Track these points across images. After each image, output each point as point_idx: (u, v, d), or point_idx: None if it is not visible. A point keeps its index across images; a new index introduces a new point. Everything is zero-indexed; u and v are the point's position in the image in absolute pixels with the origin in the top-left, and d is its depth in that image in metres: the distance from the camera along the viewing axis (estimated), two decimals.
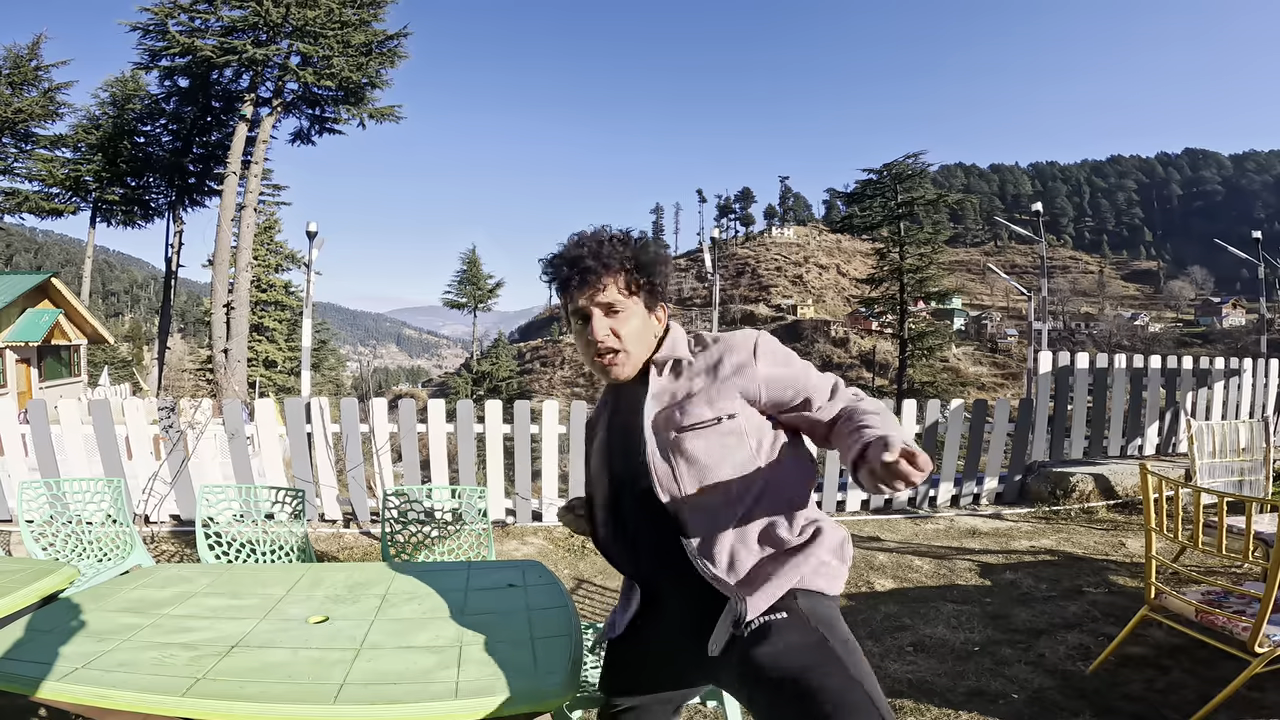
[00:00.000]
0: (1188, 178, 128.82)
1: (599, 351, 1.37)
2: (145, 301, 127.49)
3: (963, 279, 78.11)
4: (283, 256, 33.73)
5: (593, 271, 1.35)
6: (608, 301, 1.36)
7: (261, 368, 31.15)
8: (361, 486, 5.20)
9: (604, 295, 1.36)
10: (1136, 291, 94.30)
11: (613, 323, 1.37)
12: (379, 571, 2.18)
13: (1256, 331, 9.73)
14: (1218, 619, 2.48)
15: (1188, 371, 6.83)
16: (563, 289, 1.40)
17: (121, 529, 3.08)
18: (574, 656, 1.60)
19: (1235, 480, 4.03)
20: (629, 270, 1.37)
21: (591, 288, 1.35)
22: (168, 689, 1.35)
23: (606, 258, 1.36)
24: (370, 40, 22.89)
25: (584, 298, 1.36)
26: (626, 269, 1.37)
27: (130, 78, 25.75)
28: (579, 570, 4.42)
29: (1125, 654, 2.95)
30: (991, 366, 63.19)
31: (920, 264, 32.37)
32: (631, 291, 1.38)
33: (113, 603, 1.87)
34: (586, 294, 1.36)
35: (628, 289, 1.37)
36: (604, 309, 1.36)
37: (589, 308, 1.36)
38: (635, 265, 1.38)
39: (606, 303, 1.36)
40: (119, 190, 26.91)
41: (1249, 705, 2.51)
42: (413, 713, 1.34)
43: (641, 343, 1.40)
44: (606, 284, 1.36)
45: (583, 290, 1.36)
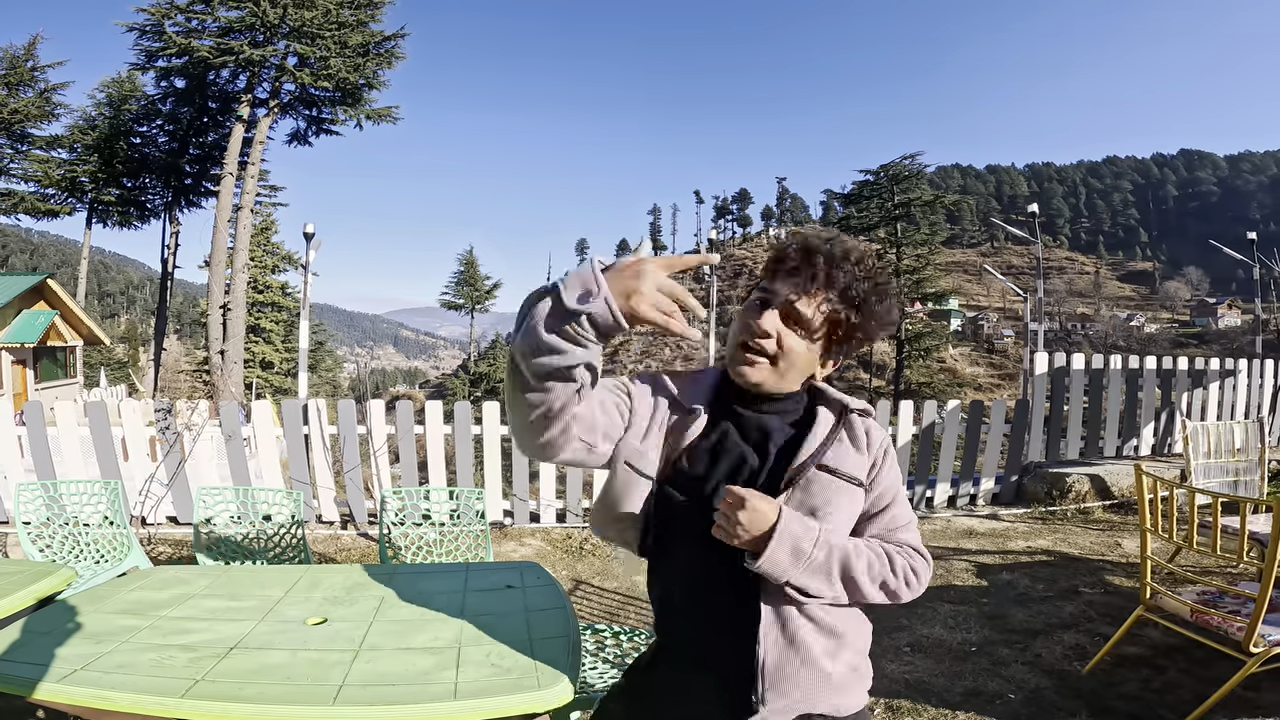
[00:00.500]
0: (1183, 178, 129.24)
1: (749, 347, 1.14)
2: (141, 303, 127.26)
3: (959, 280, 78.20)
4: (279, 258, 33.72)
5: (811, 276, 1.11)
6: (798, 310, 1.12)
7: (258, 369, 31.12)
8: (359, 488, 5.19)
9: (800, 302, 1.12)
10: (1132, 292, 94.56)
11: (784, 329, 1.13)
12: (377, 573, 2.18)
13: (1252, 332, 9.76)
14: (1213, 619, 2.49)
15: (1183, 372, 6.85)
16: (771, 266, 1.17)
17: (118, 531, 3.08)
18: (573, 658, 1.61)
19: (1230, 481, 4.05)
20: (843, 307, 1.13)
21: (796, 285, 1.12)
22: (166, 690, 1.35)
23: (840, 274, 1.12)
24: (367, 41, 22.90)
25: (785, 285, 1.12)
26: (844, 300, 1.13)
27: (126, 78, 25.73)
28: (577, 571, 4.43)
29: (1121, 654, 2.97)
30: (988, 367, 63.28)
31: (917, 265, 32.48)
32: (824, 320, 1.14)
33: (111, 604, 1.87)
34: (791, 286, 1.12)
35: (825, 318, 1.13)
36: (787, 312, 1.13)
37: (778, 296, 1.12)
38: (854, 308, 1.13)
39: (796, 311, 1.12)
40: (115, 191, 26.86)
41: (1244, 705, 2.52)
42: (412, 714, 1.35)
43: (794, 368, 1.16)
44: (813, 295, 1.12)
45: (788, 282, 1.12)
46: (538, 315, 0.93)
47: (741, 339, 1.15)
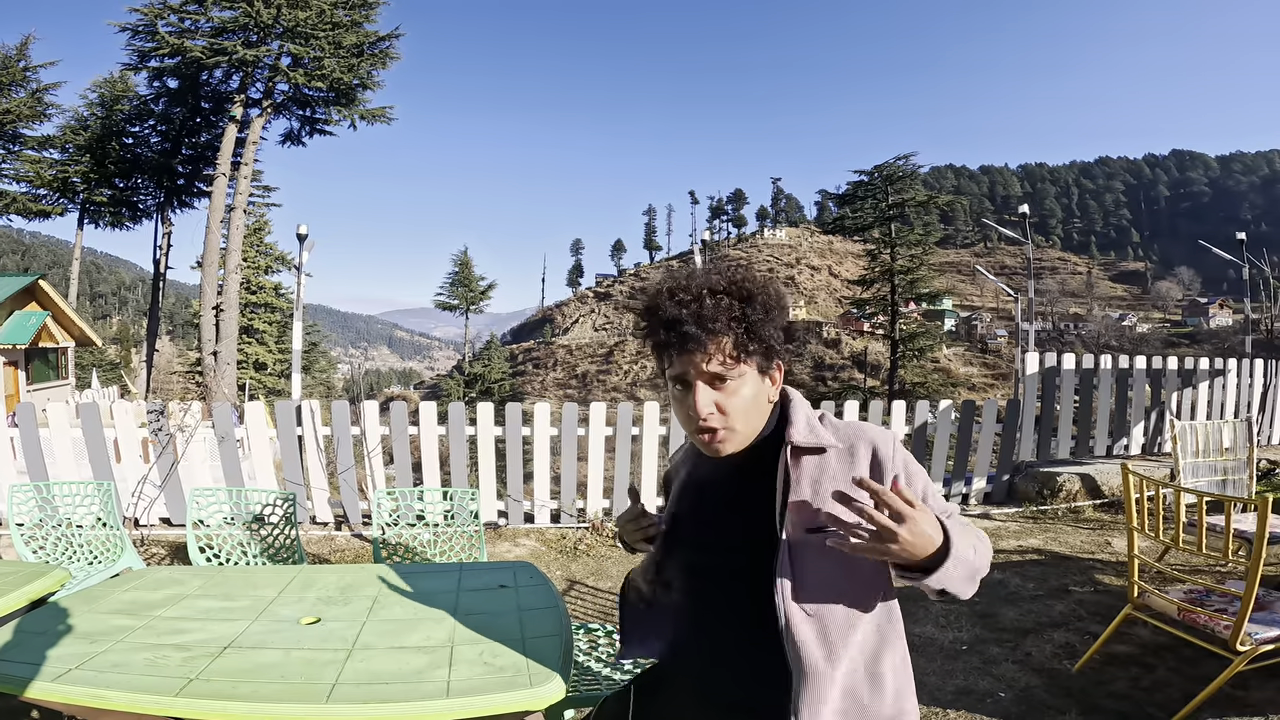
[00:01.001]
0: (1175, 179, 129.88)
1: (700, 429, 1.14)
2: (133, 303, 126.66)
3: (953, 280, 78.45)
4: (273, 258, 33.58)
5: (693, 339, 1.11)
6: (712, 372, 1.12)
7: (252, 370, 30.98)
8: (353, 489, 5.19)
9: (709, 365, 1.12)
10: (1124, 292, 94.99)
11: (719, 396, 1.13)
12: (371, 573, 2.19)
13: (1243, 332, 9.84)
14: (1200, 617, 2.50)
15: (1173, 372, 6.90)
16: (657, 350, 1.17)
17: (111, 532, 3.08)
18: (565, 657, 1.62)
19: (1219, 480, 4.07)
20: (738, 332, 1.12)
21: (692, 355, 1.12)
22: (161, 689, 1.36)
23: (711, 320, 1.10)
24: (362, 41, 22.83)
25: (684, 366, 1.13)
26: (735, 331, 1.12)
27: (119, 79, 25.58)
28: (571, 572, 4.44)
29: (1111, 652, 2.99)
30: (982, 367, 63.52)
31: (911, 265, 32.52)
32: (741, 357, 1.13)
33: (105, 605, 1.87)
34: (687, 363, 1.13)
35: (736, 355, 1.13)
36: (707, 378, 1.13)
37: (689, 377, 1.13)
38: (746, 326, 1.12)
39: (711, 374, 1.12)
40: (107, 191, 26.70)
41: (1232, 703, 2.54)
42: (405, 712, 1.36)
43: (752, 416, 1.17)
44: (710, 353, 1.11)
45: (682, 357, 1.13)
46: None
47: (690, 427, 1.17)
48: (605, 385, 70.23)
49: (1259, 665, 2.44)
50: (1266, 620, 2.44)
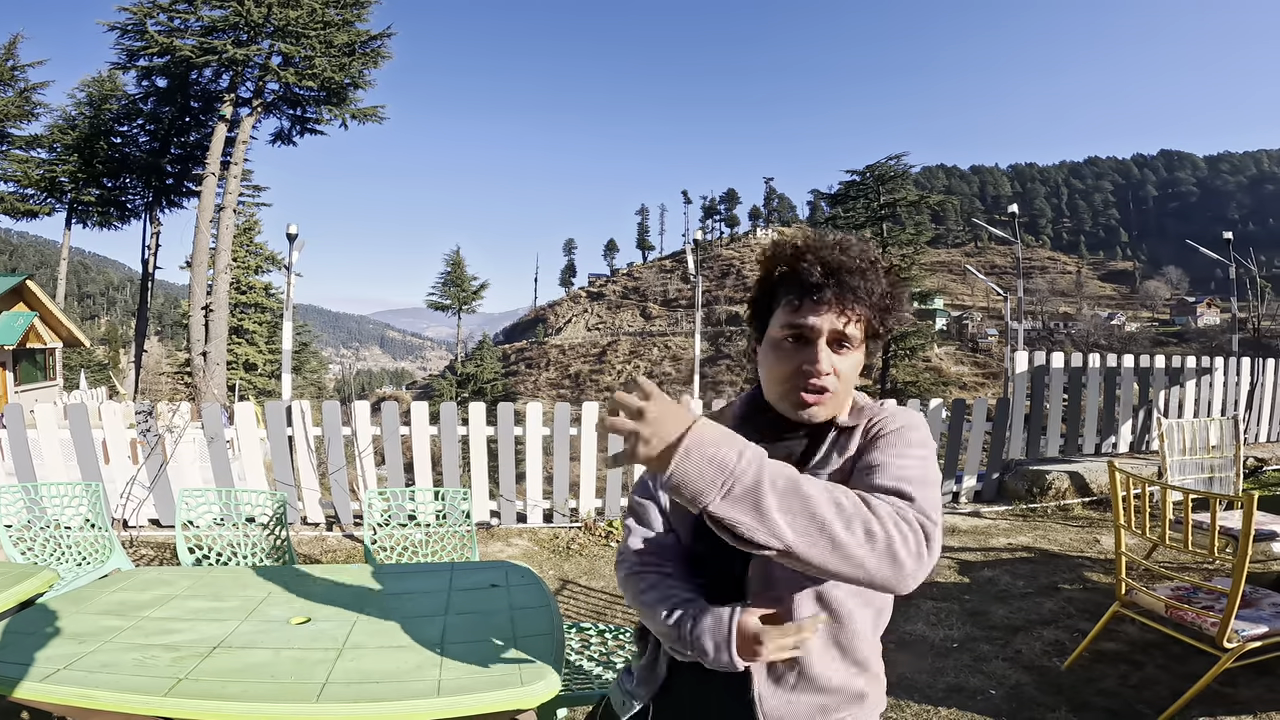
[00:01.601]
0: (1163, 179, 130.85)
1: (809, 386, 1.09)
2: (122, 304, 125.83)
3: (944, 280, 78.84)
4: (263, 258, 33.45)
5: (853, 294, 1.07)
6: (843, 334, 1.08)
7: (242, 370, 30.85)
8: (344, 490, 5.18)
9: (849, 327, 1.08)
10: (1113, 291, 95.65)
11: (836, 359, 1.09)
12: (361, 573, 2.18)
13: (1230, 331, 9.93)
14: (1187, 614, 2.52)
15: (1160, 370, 6.96)
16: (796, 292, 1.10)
17: (100, 533, 3.06)
18: (556, 655, 1.62)
19: (1206, 477, 4.10)
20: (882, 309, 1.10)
21: (840, 313, 1.08)
22: (150, 689, 1.36)
23: (870, 283, 1.08)
24: (353, 40, 22.77)
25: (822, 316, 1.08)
26: (882, 306, 1.10)
27: (107, 78, 25.44)
28: (564, 571, 4.44)
29: (1100, 650, 3.01)
30: (973, 366, 63.84)
31: (903, 265, 32.44)
32: (868, 333, 1.12)
33: (93, 605, 1.86)
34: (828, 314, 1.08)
35: (867, 328, 1.11)
36: (835, 338, 1.09)
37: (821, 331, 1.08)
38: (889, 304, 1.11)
39: (841, 335, 1.09)
40: (95, 191, 26.54)
41: (1221, 700, 2.55)
42: (396, 711, 1.36)
43: (849, 390, 1.14)
44: (858, 315, 1.08)
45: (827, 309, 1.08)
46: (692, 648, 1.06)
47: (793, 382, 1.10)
48: (599, 385, 70.22)
49: (1247, 662, 2.44)
50: (1253, 617, 2.45)
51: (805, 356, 1.08)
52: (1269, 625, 2.41)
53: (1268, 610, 2.52)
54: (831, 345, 1.09)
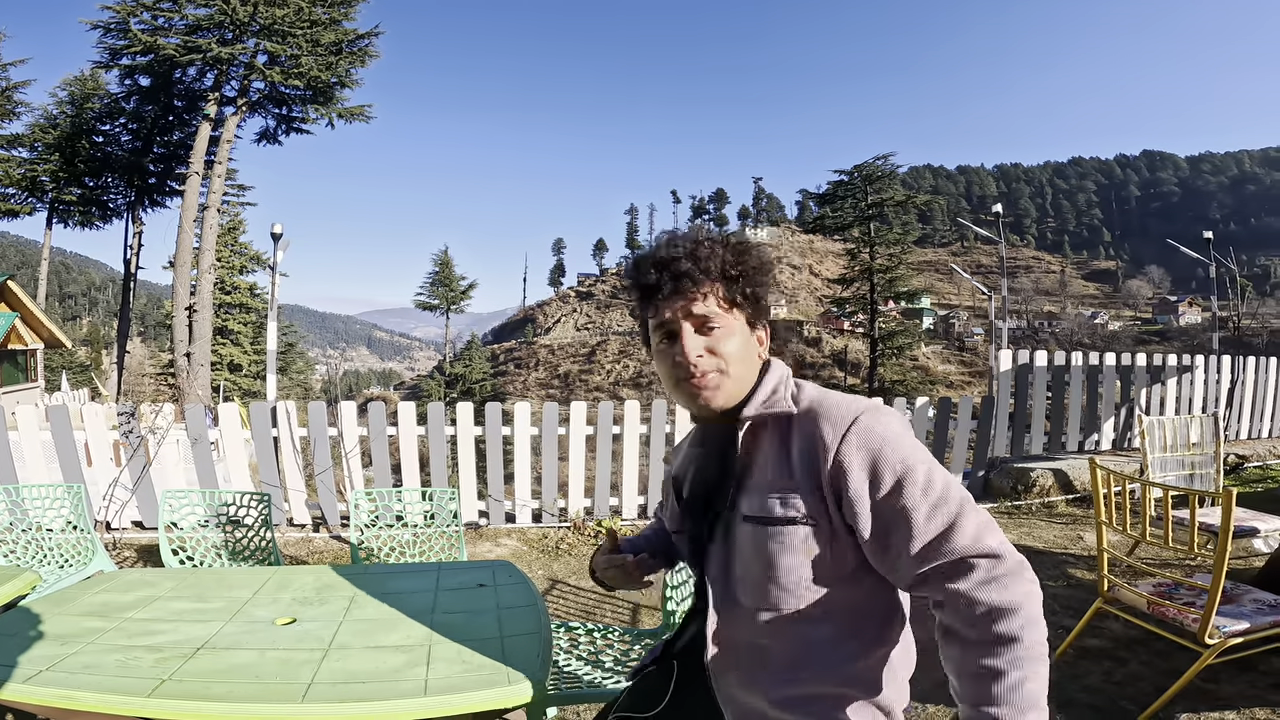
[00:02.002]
0: (1145, 179, 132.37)
1: (689, 373, 1.09)
2: (104, 304, 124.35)
3: (931, 279, 79.41)
4: (247, 258, 33.17)
5: (687, 276, 1.08)
6: (703, 315, 1.09)
7: (226, 371, 30.58)
8: (331, 490, 5.15)
9: (699, 306, 1.09)
10: (1096, 291, 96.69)
11: (708, 340, 1.10)
12: (347, 573, 2.17)
13: (1211, 329, 10.06)
14: (1169, 611, 2.52)
15: (1141, 368, 7.04)
16: (646, 298, 1.13)
17: (82, 535, 3.03)
18: (544, 654, 1.62)
19: (1187, 474, 4.13)
20: (730, 278, 1.10)
21: (684, 297, 1.09)
22: (133, 690, 1.35)
23: (704, 260, 1.09)
24: (340, 39, 22.60)
25: (673, 309, 1.10)
26: (728, 275, 1.10)
27: (90, 76, 25.15)
28: (553, 571, 4.43)
29: (1084, 646, 3.02)
30: (959, 364, 64.36)
31: (890, 264, 32.90)
32: (732, 304, 1.11)
33: (75, 607, 1.85)
34: (677, 304, 1.09)
35: (728, 301, 1.11)
36: (697, 323, 1.10)
37: (677, 321, 1.10)
38: (739, 272, 1.11)
39: (701, 316, 1.09)
40: (76, 191, 26.24)
41: (1204, 696, 2.56)
42: (382, 710, 1.35)
43: (744, 365, 1.12)
44: (704, 293, 1.09)
45: (672, 300, 1.10)
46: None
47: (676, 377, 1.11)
48: (588, 385, 70.17)
49: (1229, 658, 2.44)
50: (1234, 613, 2.45)
51: (675, 350, 1.10)
52: (1250, 621, 2.40)
53: (1249, 606, 2.52)
54: (701, 329, 1.10)
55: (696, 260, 1.09)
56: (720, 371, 1.09)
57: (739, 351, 1.11)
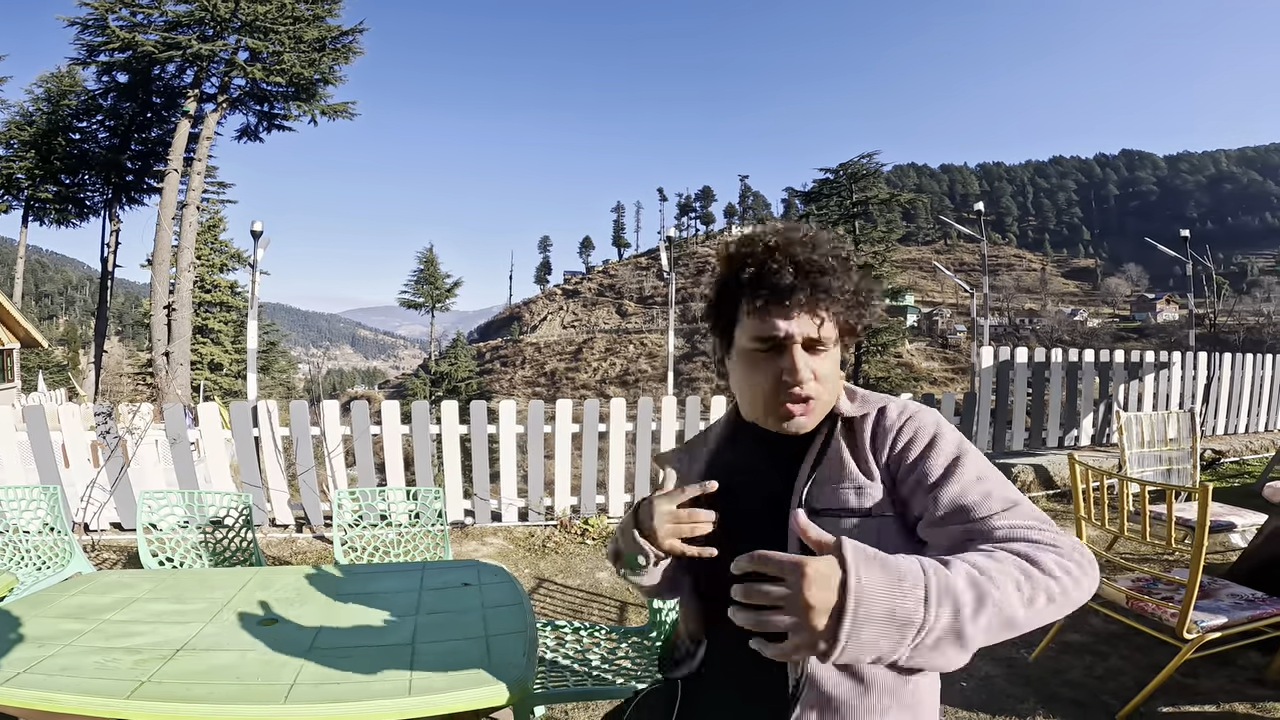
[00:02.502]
0: (1124, 178, 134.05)
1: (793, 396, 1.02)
2: (81, 303, 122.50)
3: (915, 276, 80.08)
4: (228, 256, 32.79)
5: (826, 293, 0.99)
6: (817, 338, 1.01)
7: (207, 371, 30.23)
8: (314, 490, 5.11)
9: (819, 329, 1.01)
10: (1076, 288, 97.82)
11: (814, 362, 1.02)
12: (330, 574, 2.16)
13: (1188, 326, 10.20)
14: (1147, 606, 2.55)
15: (1120, 365, 7.13)
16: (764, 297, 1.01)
17: (60, 537, 2.99)
18: (529, 652, 1.62)
19: (1164, 469, 4.18)
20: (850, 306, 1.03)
21: (807, 312, 1.00)
22: (112, 692, 1.33)
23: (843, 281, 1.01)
24: (324, 36, 22.36)
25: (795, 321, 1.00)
26: (848, 302, 1.02)
27: (66, 73, 24.73)
28: (540, 569, 4.42)
29: (1066, 641, 3.06)
30: (943, 361, 64.93)
31: (874, 262, 33.10)
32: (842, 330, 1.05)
33: (53, 609, 1.82)
34: (801, 317, 1.00)
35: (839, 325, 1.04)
36: (809, 342, 1.02)
37: (796, 336, 1.01)
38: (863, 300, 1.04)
39: (815, 339, 1.01)
40: (53, 188, 25.81)
41: (1184, 691, 2.60)
42: (365, 710, 1.35)
43: (834, 392, 1.06)
44: (825, 317, 1.01)
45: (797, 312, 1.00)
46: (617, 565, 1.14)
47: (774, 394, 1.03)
48: (574, 383, 70.10)
49: (1208, 653, 2.47)
50: (1212, 608, 2.48)
51: (782, 365, 1.01)
52: (1228, 616, 2.42)
53: (1226, 601, 2.55)
54: (807, 349, 1.02)
55: (837, 278, 1.00)
56: (819, 398, 1.04)
57: (834, 374, 1.06)
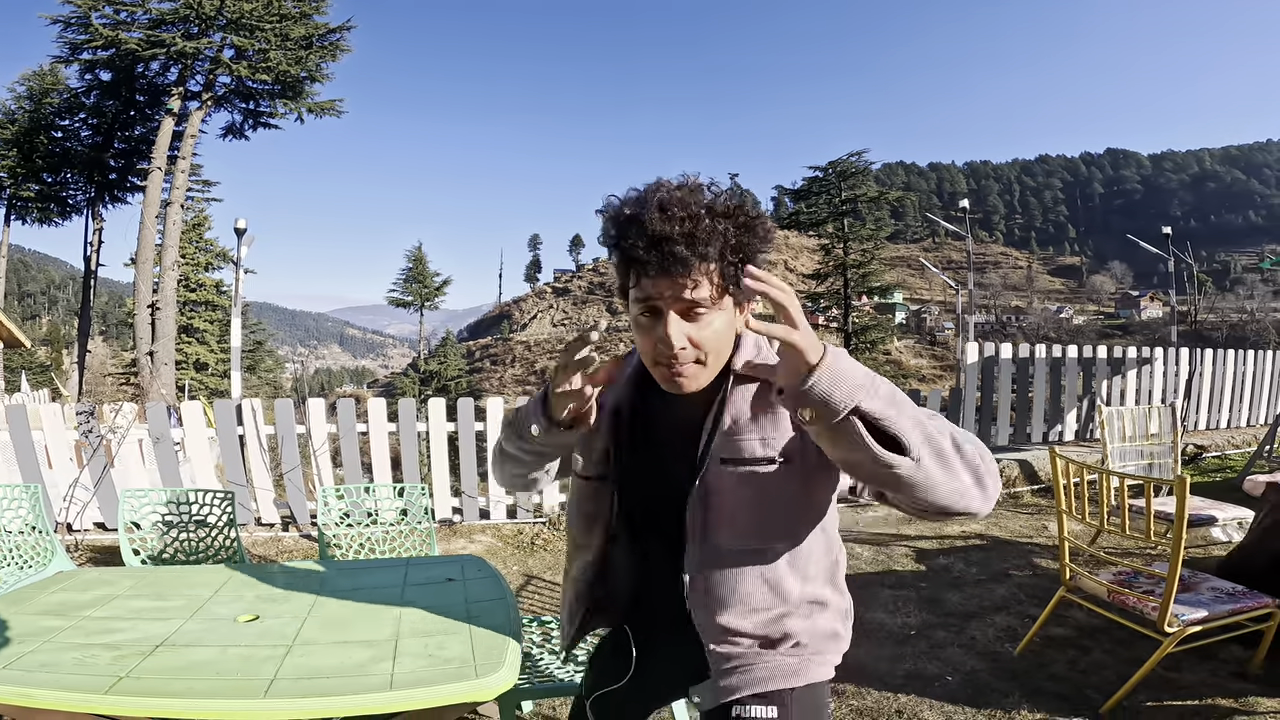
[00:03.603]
0: (1109, 176, 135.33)
1: (668, 360, 1.02)
2: (64, 303, 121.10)
3: (903, 274, 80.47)
4: (213, 255, 32.55)
5: (680, 261, 0.96)
6: (692, 301, 0.99)
7: (192, 370, 30.00)
8: (300, 488, 5.08)
9: (690, 292, 0.98)
10: (1062, 286, 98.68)
11: (691, 327, 1.01)
12: (313, 570, 2.15)
13: (1172, 323, 10.31)
14: (1128, 599, 2.57)
15: (1103, 360, 7.20)
16: (628, 263, 1.01)
17: (42, 537, 2.95)
18: (513, 648, 1.61)
19: (1146, 464, 4.21)
20: (728, 260, 0.99)
21: (674, 281, 0.98)
22: (90, 687, 1.33)
23: (704, 243, 0.96)
24: (311, 33, 22.18)
25: (659, 290, 0.99)
26: (726, 258, 0.99)
27: (49, 71, 24.44)
28: (528, 566, 4.42)
29: (1049, 635, 3.08)
30: (931, 359, 65.26)
31: (863, 259, 33.24)
32: (724, 289, 1.01)
33: (32, 606, 1.81)
34: (665, 287, 0.99)
35: (720, 285, 1.00)
36: (683, 309, 1.00)
37: (664, 304, 1.00)
38: (740, 256, 1.00)
39: (690, 302, 0.99)
40: (35, 187, 25.49)
41: (1166, 685, 2.62)
42: (346, 705, 1.34)
43: (722, 351, 1.05)
44: (697, 280, 0.98)
45: (660, 280, 0.98)
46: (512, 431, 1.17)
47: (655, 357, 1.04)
48: None
49: (1190, 646, 2.49)
50: (1193, 602, 2.49)
51: (657, 332, 1.01)
52: (1208, 610, 2.44)
53: (1206, 595, 2.56)
54: (687, 314, 1.00)
55: (694, 243, 0.96)
56: (699, 362, 1.03)
57: (720, 338, 1.04)
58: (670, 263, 0.96)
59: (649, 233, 0.97)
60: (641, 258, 0.98)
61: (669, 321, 1.00)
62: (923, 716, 2.53)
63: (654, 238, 0.97)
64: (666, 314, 1.00)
